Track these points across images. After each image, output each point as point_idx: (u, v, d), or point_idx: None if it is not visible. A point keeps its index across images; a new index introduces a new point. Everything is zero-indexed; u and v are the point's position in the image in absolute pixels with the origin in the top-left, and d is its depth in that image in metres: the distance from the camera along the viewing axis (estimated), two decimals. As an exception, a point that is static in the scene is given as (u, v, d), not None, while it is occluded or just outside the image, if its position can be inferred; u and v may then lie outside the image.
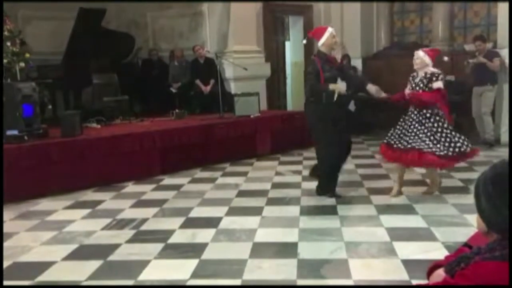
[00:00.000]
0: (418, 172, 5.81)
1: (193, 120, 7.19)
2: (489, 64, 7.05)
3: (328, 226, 3.98)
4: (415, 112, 4.73)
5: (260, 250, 3.53)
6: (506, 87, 7.25)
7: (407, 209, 4.38)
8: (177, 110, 7.51)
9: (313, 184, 5.40)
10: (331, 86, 4.62)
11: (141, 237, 3.95)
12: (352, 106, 9.29)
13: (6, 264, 3.43)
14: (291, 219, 4.22)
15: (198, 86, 8.20)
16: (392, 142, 4.73)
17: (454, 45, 8.78)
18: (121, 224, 4.29)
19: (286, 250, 3.51)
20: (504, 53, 7.14)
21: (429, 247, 3.45)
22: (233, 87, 8.35)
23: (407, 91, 4.85)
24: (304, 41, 6.22)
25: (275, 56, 9.48)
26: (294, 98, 10.00)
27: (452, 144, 4.62)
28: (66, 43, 7.65)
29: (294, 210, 4.49)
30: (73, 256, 3.58)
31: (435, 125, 4.65)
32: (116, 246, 3.72)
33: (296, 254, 3.41)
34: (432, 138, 4.58)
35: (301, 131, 7.68)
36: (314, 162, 6.23)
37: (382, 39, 9.74)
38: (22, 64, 5.70)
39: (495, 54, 7.17)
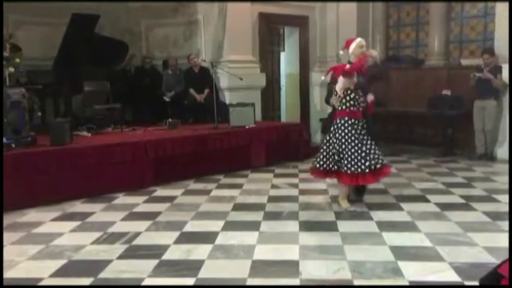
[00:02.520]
0: (418, 187, 5.71)
1: (187, 130, 7.03)
2: (494, 81, 6.98)
3: (329, 243, 3.83)
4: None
5: (260, 268, 3.36)
6: (505, 102, 7.20)
7: (409, 227, 4.24)
8: (170, 120, 7.33)
9: (309, 198, 5.30)
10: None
11: (134, 252, 3.75)
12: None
13: (-11, 280, 3.22)
14: (291, 235, 4.06)
15: (192, 95, 8.05)
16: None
17: (449, 59, 8.74)
18: (112, 238, 4.09)
19: (287, 268, 3.34)
20: (505, 69, 7.06)
21: (436, 268, 3.30)
22: (227, 97, 8.22)
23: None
24: (341, 52, 6.06)
25: (270, 67, 9.37)
26: (288, 110, 9.89)
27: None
28: (57, 48, 7.48)
29: (292, 225, 4.33)
30: (62, 272, 3.38)
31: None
32: (107, 262, 3.53)
33: (298, 273, 3.25)
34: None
35: (296, 143, 7.58)
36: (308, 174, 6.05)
37: (378, 52, 9.66)
38: (12, 69, 5.50)
39: (500, 70, 7.08)
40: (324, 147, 4.79)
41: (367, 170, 4.56)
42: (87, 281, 3.20)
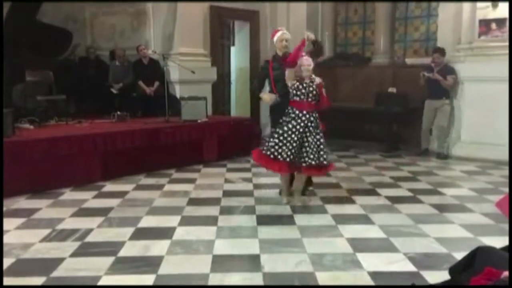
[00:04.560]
0: (367, 181, 5.87)
1: (137, 123, 6.82)
2: (443, 82, 7.07)
3: (289, 237, 3.85)
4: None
5: (221, 263, 3.33)
6: (458, 102, 7.32)
7: (363, 219, 4.36)
8: (118, 113, 7.09)
9: (264, 192, 5.30)
10: (261, 95, 5.03)
11: (87, 250, 3.60)
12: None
13: None
14: (249, 229, 4.05)
15: (141, 88, 7.83)
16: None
17: (394, 58, 9.05)
18: (63, 235, 3.90)
19: (249, 263, 3.34)
20: (459, 67, 7.19)
21: (392, 259, 3.41)
22: (178, 91, 8.05)
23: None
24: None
25: (220, 61, 9.29)
26: (238, 104, 9.87)
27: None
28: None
29: (250, 220, 4.32)
30: (10, 272, 3.17)
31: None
32: (59, 261, 3.36)
33: (260, 267, 3.24)
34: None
35: (248, 138, 7.57)
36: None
37: (326, 49, 9.85)
38: None
39: (451, 70, 7.16)
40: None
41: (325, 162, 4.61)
42: (39, 280, 3.03)
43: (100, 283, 3.02)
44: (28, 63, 7.15)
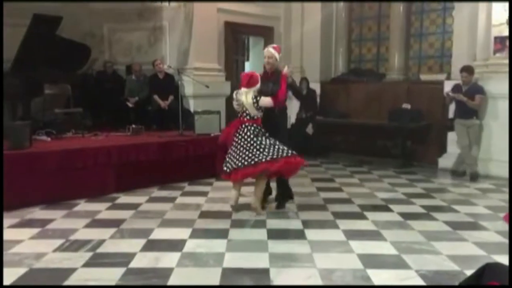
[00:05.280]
0: (380, 197, 5.83)
1: (151, 136, 6.91)
2: (468, 103, 6.77)
3: (299, 251, 3.85)
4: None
5: (231, 276, 3.34)
6: (485, 122, 7.12)
7: (375, 235, 4.33)
8: (134, 126, 7.20)
9: (275, 206, 5.30)
10: None
11: (98, 260, 3.64)
12: (310, 129, 9.33)
13: None
14: (259, 243, 4.05)
15: (156, 102, 7.94)
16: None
17: (409, 74, 9.04)
18: (75, 246, 3.95)
19: (258, 276, 3.33)
20: (489, 86, 6.94)
21: (403, 275, 3.38)
22: (192, 105, 8.16)
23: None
24: None
25: (234, 76, 9.38)
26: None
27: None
28: (16, 50, 7.19)
29: (261, 233, 4.32)
30: (22, 281, 3.23)
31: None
32: (71, 271, 3.40)
33: (269, 281, 3.24)
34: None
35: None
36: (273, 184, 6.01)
37: (340, 65, 9.91)
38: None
39: (479, 90, 6.89)
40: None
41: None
42: (50, 290, 3.08)
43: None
44: (47, 76, 7.30)
